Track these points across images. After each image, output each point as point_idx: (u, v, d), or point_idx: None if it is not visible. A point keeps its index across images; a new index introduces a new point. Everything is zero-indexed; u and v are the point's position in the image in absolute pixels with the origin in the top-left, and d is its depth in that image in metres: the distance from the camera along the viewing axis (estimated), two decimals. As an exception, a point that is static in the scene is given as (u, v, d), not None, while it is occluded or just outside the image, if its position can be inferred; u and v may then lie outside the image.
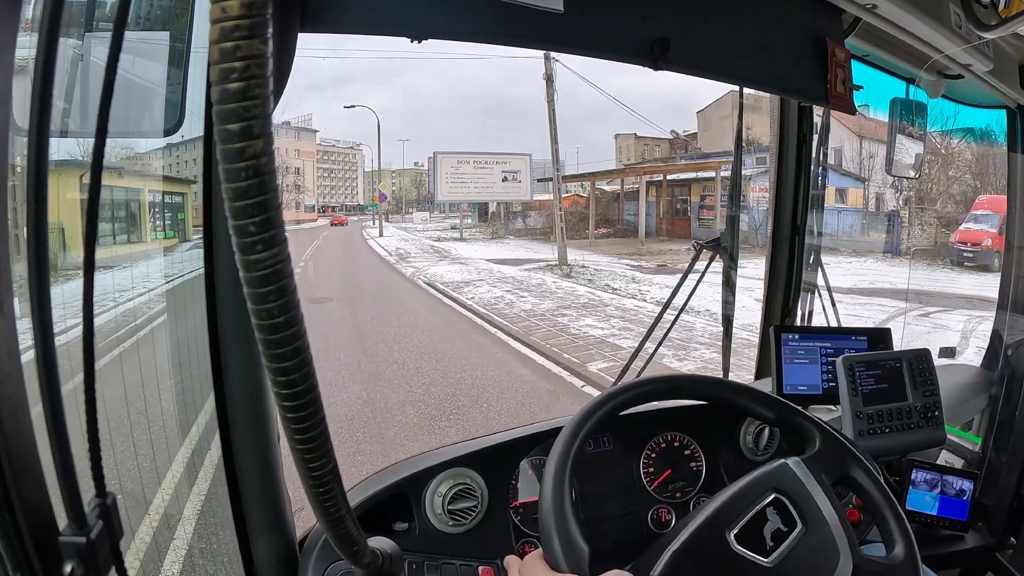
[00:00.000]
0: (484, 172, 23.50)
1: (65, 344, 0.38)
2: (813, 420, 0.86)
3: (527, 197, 25.13)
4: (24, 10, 0.36)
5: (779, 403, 0.88)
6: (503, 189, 23.84)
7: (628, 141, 32.96)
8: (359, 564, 0.46)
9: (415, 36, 0.75)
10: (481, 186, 23.53)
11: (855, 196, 17.59)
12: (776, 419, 0.88)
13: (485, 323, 8.20)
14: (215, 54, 0.25)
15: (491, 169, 23.60)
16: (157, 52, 0.69)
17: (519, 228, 27.48)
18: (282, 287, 0.29)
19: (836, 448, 0.82)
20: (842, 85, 1.14)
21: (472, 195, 24.33)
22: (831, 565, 0.70)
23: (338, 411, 4.55)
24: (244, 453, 0.83)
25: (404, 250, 20.17)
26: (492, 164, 23.66)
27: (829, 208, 15.68)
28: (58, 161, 1.07)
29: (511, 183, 23.74)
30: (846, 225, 16.57)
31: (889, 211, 16.88)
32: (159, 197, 2.90)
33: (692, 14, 0.94)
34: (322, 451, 0.35)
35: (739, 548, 0.70)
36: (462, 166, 23.35)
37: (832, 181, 15.85)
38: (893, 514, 0.78)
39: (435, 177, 23.12)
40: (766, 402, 0.88)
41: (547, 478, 0.75)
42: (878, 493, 0.79)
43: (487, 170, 23.55)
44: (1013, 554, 1.35)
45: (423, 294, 11.15)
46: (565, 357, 6.28)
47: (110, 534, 0.36)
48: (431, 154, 24.46)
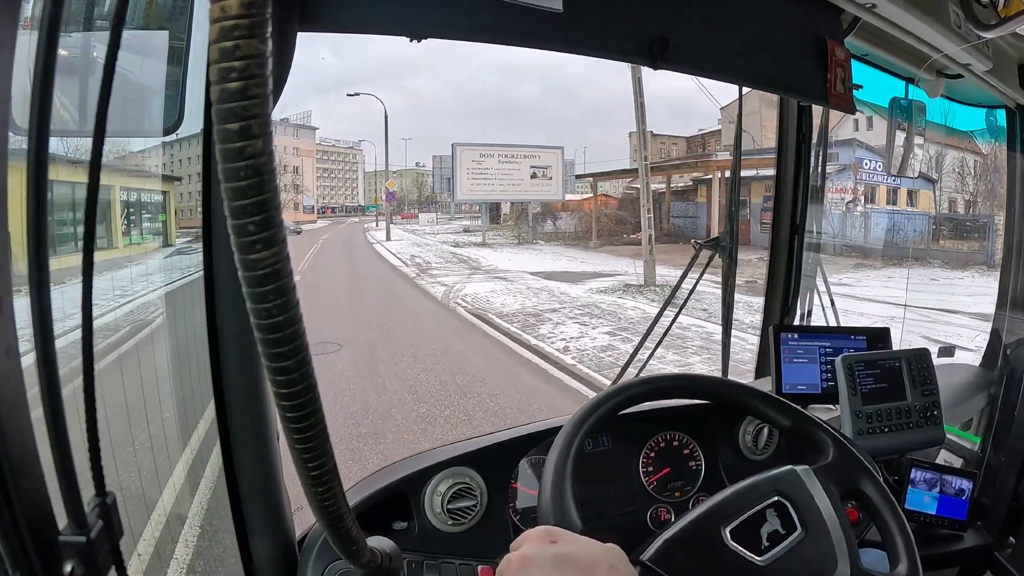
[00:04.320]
0: (511, 167, 20.27)
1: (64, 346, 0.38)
2: (828, 431, 0.85)
3: (559, 196, 21.79)
4: (24, 8, 0.36)
5: (795, 411, 0.87)
6: (532, 187, 20.49)
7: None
8: (358, 564, 0.46)
9: (414, 35, 0.75)
10: (507, 183, 20.27)
11: (926, 199, 15.44)
12: (791, 427, 0.87)
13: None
14: (214, 53, 0.25)
15: (518, 164, 20.32)
16: (156, 51, 0.69)
17: (548, 232, 23.70)
18: (281, 286, 0.29)
19: (849, 461, 0.81)
20: (841, 84, 1.14)
21: (497, 194, 21.01)
22: (826, 573, 0.70)
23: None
24: (243, 453, 0.83)
25: (422, 259, 16.88)
26: (520, 158, 20.33)
27: (901, 212, 14.36)
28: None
29: (541, 180, 20.43)
30: (915, 231, 14.81)
31: (966, 215, 14.90)
32: (135, 196, 2.56)
33: (691, 13, 0.94)
34: (321, 450, 0.35)
35: (732, 544, 0.70)
36: (485, 160, 20.06)
37: (902, 183, 14.21)
38: (900, 532, 0.77)
39: (454, 173, 19.94)
40: (780, 408, 0.87)
41: (546, 477, 0.75)
42: (887, 509, 0.78)
43: (514, 165, 20.32)
44: (1012, 553, 1.35)
45: (476, 335, 7.31)
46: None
47: (110, 534, 0.36)
48: (447, 148, 21.09)
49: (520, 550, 0.56)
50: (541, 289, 11.15)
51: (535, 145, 21.57)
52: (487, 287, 11.35)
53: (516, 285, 11.55)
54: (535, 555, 0.54)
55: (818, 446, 0.84)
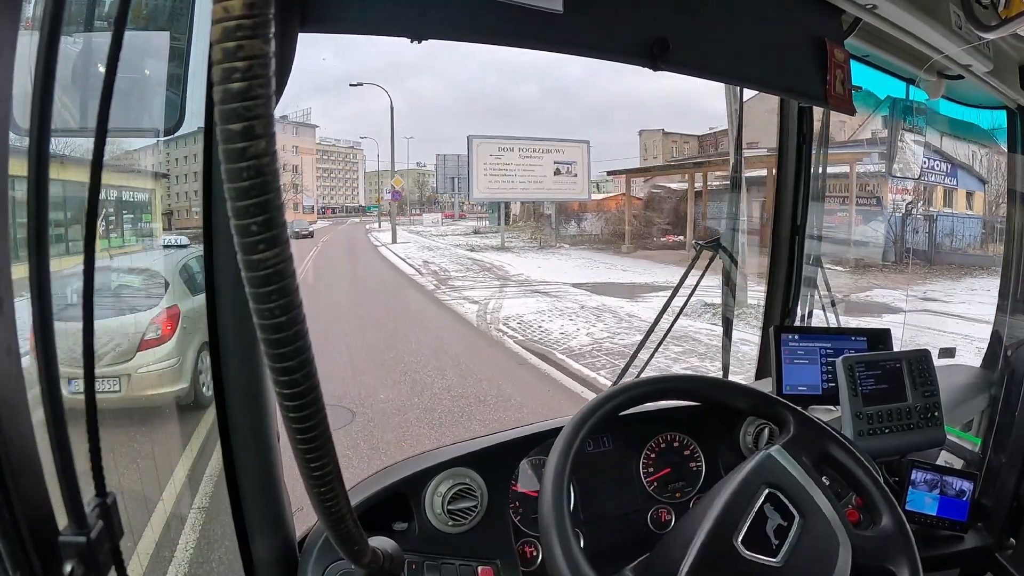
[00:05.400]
0: (532, 163, 17.84)
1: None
2: (786, 405, 0.88)
3: (585, 195, 19.32)
4: (25, 9, 0.36)
5: (752, 392, 0.91)
6: (556, 184, 18.12)
7: (655, 138, 28.55)
8: (360, 564, 0.46)
9: (414, 36, 0.75)
10: (528, 180, 17.83)
11: (980, 201, 14.00)
12: (751, 408, 0.91)
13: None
14: (217, 54, 0.25)
15: (541, 159, 17.91)
16: (157, 52, 0.69)
17: (572, 234, 21.04)
18: (284, 286, 0.29)
19: (811, 428, 0.85)
20: (841, 86, 1.14)
21: (518, 192, 18.38)
22: (833, 551, 0.72)
23: None
24: (244, 453, 0.82)
25: (437, 265, 14.37)
26: (542, 152, 17.92)
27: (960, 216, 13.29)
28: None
29: (565, 177, 18.09)
30: (972, 236, 13.38)
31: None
32: (114, 194, 2.36)
33: (691, 14, 0.94)
34: (324, 450, 0.35)
35: (748, 554, 0.71)
36: (505, 154, 17.66)
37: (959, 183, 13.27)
38: (875, 486, 0.80)
39: (470, 168, 17.52)
40: (738, 392, 0.91)
41: (547, 478, 0.75)
42: (857, 468, 0.82)
43: (536, 160, 17.86)
44: (1013, 554, 1.35)
45: (544, 386, 5.13)
46: None
47: (110, 534, 0.36)
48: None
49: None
50: (600, 309, 8.52)
51: (558, 138, 19.27)
52: (530, 305, 8.82)
53: (565, 303, 8.88)
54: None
55: (780, 421, 0.87)
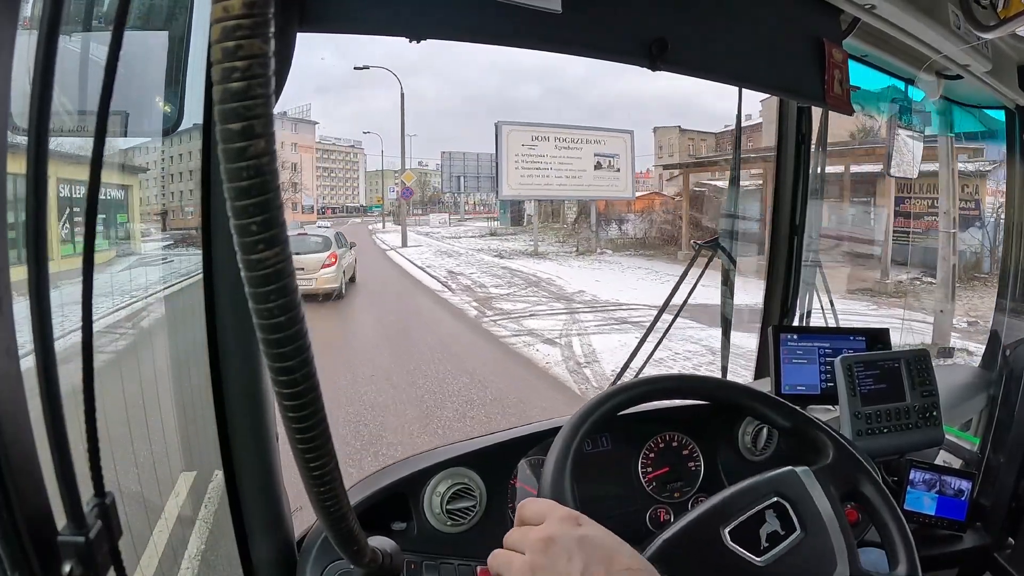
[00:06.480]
0: (571, 155, 14.90)
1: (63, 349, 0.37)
2: (827, 431, 0.85)
3: (629, 193, 16.74)
4: (23, 8, 0.36)
5: (794, 412, 0.87)
6: (596, 181, 15.32)
7: (671, 135, 27.69)
8: (359, 563, 0.46)
9: (413, 36, 0.75)
10: (566, 175, 14.90)
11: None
12: (791, 428, 0.86)
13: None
14: (216, 54, 0.25)
15: (580, 150, 15.04)
16: (156, 51, 0.69)
17: (612, 237, 18.64)
18: (284, 287, 0.29)
19: (849, 462, 0.81)
20: (839, 86, 1.15)
21: (555, 189, 15.26)
22: (825, 574, 0.70)
23: None
24: (243, 453, 0.83)
25: (467, 277, 11.72)
26: (581, 143, 15.05)
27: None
28: None
29: (607, 172, 15.29)
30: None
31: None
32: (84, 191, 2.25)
33: (690, 14, 0.94)
34: (323, 450, 0.35)
35: (732, 544, 0.70)
36: (539, 144, 14.64)
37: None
38: (900, 533, 0.77)
39: (499, 160, 14.41)
40: (779, 408, 0.87)
41: (546, 477, 0.75)
42: (887, 510, 0.78)
43: (574, 152, 14.96)
44: (1011, 554, 1.35)
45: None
46: None
47: (109, 534, 0.36)
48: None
49: (543, 529, 0.54)
50: (738, 354, 4.36)
51: (597, 127, 16.71)
52: (629, 345, 3.73)
53: (677, 343, 6.53)
54: (560, 535, 0.53)
55: (817, 447, 0.84)
